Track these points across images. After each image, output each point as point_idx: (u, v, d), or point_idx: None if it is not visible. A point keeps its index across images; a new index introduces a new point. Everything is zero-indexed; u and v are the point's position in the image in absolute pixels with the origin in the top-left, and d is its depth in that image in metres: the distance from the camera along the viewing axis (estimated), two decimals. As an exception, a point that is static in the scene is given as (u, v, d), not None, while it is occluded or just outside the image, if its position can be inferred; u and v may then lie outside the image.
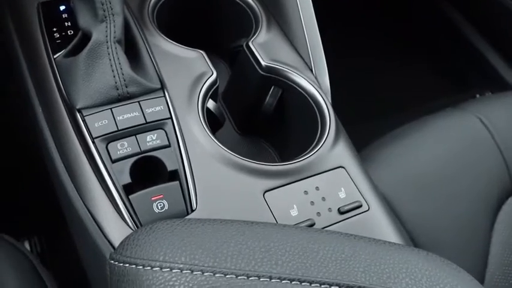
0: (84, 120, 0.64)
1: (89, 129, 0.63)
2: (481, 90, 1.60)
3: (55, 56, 0.71)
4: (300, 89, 0.77)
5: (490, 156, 1.02)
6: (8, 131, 1.10)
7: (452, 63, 1.75)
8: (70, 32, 0.74)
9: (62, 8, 0.76)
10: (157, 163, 0.63)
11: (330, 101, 0.79)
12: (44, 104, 0.72)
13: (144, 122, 0.65)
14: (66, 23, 0.75)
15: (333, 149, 0.71)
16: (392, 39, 1.78)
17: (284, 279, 0.47)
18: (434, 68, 1.77)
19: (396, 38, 1.78)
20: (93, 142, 0.63)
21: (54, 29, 0.74)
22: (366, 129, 1.18)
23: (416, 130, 1.04)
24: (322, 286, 0.47)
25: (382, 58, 1.71)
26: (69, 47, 0.71)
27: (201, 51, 0.77)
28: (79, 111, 0.65)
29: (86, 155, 0.64)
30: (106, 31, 0.66)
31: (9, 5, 0.83)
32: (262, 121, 0.81)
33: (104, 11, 0.67)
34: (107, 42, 0.66)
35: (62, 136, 0.67)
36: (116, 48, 0.66)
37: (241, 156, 0.68)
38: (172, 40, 0.79)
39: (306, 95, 0.76)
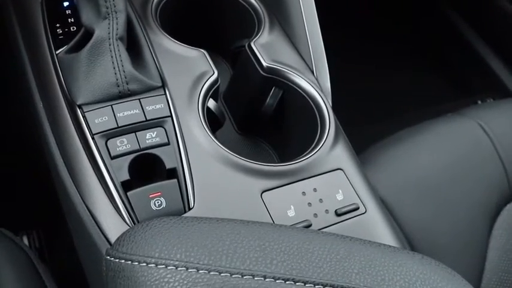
0: (84, 116, 0.64)
1: (88, 125, 0.64)
2: (483, 96, 1.60)
3: (57, 52, 0.71)
4: (300, 91, 0.77)
5: (489, 162, 1.02)
6: (8, 125, 1.10)
7: (454, 69, 1.76)
8: (73, 28, 0.74)
9: (66, 4, 0.77)
10: (156, 161, 0.63)
11: (330, 103, 0.79)
12: (45, 99, 0.72)
13: (144, 119, 0.65)
14: (69, 19, 0.75)
15: (331, 151, 0.71)
16: (395, 44, 1.78)
17: (278, 278, 0.47)
18: (437, 73, 1.77)
19: (399, 42, 1.79)
20: (93, 138, 0.63)
21: (57, 25, 0.75)
22: (366, 132, 1.18)
23: (416, 134, 1.05)
24: (316, 287, 0.47)
25: (384, 62, 1.71)
26: (72, 43, 0.71)
27: (203, 50, 0.77)
28: (79, 107, 0.65)
29: (85, 151, 0.64)
30: (108, 28, 0.67)
31: (14, 0, 0.83)
32: (263, 121, 0.81)
33: (107, 8, 0.67)
34: (109, 39, 0.66)
35: (62, 132, 0.67)
36: (117, 45, 0.67)
37: (240, 156, 0.68)
38: (175, 39, 0.79)
39: (307, 97, 0.77)
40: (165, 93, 0.68)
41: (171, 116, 0.66)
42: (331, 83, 0.83)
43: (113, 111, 0.65)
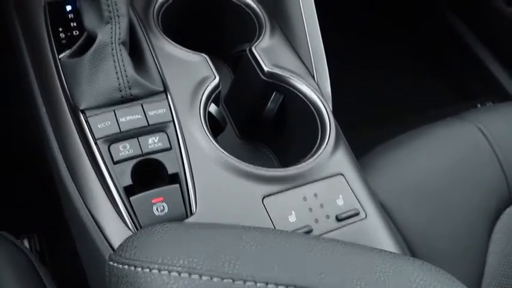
0: (87, 121, 0.65)
1: (91, 130, 0.64)
2: (483, 100, 1.60)
3: (60, 56, 0.72)
4: (301, 95, 0.77)
5: (488, 166, 1.02)
6: (10, 128, 1.10)
7: (454, 72, 1.76)
8: (75, 33, 0.75)
9: (68, 8, 0.77)
10: (159, 166, 0.64)
11: (331, 108, 0.79)
12: (47, 104, 0.72)
13: (147, 124, 0.65)
14: (72, 23, 0.76)
15: (332, 156, 0.72)
16: (395, 47, 1.78)
17: (280, 284, 0.48)
18: (436, 76, 1.77)
19: (399, 46, 1.79)
20: (96, 143, 0.63)
21: (60, 29, 0.75)
22: (367, 136, 1.19)
23: (416, 138, 1.05)
24: (318, 293, 0.48)
25: (384, 66, 1.71)
26: (75, 47, 0.71)
27: (204, 55, 0.78)
28: (82, 112, 0.65)
29: (88, 155, 0.64)
30: (111, 32, 0.67)
31: (16, 3, 0.84)
32: (264, 126, 0.82)
33: (110, 13, 0.67)
34: (112, 43, 0.67)
35: (65, 136, 0.67)
36: (120, 50, 0.67)
37: (241, 160, 0.69)
38: (177, 43, 0.79)
39: (307, 102, 0.77)
40: (167, 98, 0.68)
41: (173, 121, 0.67)
42: (331, 86, 0.83)
43: (116, 116, 0.65)
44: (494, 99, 1.60)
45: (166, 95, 0.69)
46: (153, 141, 0.64)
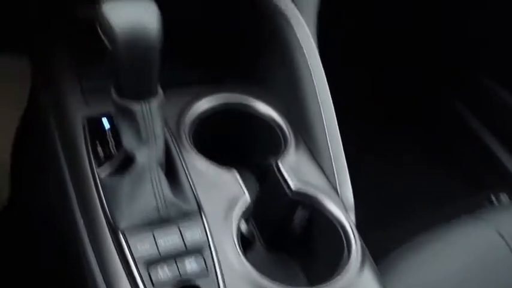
0: (127, 242, 0.68)
1: (131, 251, 0.67)
2: (496, 191, 1.63)
3: (98, 171, 0.75)
4: (326, 213, 0.81)
5: (507, 269, 1.03)
6: (45, 238, 1.13)
7: (466, 164, 1.79)
8: (113, 149, 0.79)
9: (106, 124, 0.82)
10: None
11: (354, 220, 0.82)
12: (86, 219, 0.76)
13: (184, 247, 0.68)
14: (109, 140, 0.80)
15: (358, 277, 0.74)
16: (406, 142, 1.82)
17: None
18: (449, 169, 1.80)
19: (410, 140, 1.83)
20: (136, 265, 0.66)
21: (97, 143, 0.79)
22: (383, 236, 1.20)
23: (434, 241, 1.07)
24: None
25: (395, 161, 1.74)
26: (114, 166, 0.75)
27: (234, 170, 0.82)
28: (122, 232, 0.69)
29: (127, 276, 0.67)
30: (149, 154, 0.71)
31: (57, 118, 0.89)
32: (290, 239, 0.84)
33: (147, 134, 0.72)
34: (150, 166, 0.71)
35: (104, 254, 0.70)
36: (158, 171, 0.71)
37: (269, 276, 0.71)
38: (206, 154, 0.83)
39: (332, 219, 0.80)
40: (202, 219, 0.72)
41: (208, 242, 0.70)
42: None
43: (154, 238, 0.68)
44: (507, 190, 1.63)
45: (201, 216, 0.72)
46: (190, 265, 0.67)
